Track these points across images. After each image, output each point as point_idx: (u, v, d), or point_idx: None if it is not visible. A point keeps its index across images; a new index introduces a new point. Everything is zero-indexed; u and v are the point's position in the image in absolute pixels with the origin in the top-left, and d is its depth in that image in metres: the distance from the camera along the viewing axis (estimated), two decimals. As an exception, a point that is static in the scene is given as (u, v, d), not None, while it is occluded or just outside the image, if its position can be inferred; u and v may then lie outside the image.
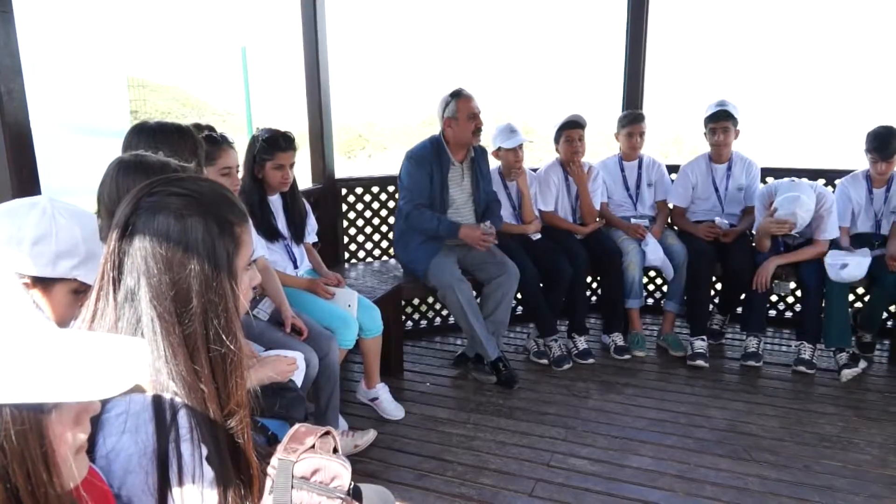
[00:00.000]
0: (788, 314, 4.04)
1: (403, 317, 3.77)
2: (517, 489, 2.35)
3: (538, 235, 3.62)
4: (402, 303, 3.56)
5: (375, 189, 3.90)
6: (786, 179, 3.38)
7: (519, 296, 3.65)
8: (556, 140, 3.70)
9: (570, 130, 3.61)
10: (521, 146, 3.50)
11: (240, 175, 2.44)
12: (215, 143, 2.26)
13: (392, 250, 3.68)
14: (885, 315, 3.62)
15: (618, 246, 3.63)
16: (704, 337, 3.50)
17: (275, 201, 2.75)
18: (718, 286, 3.88)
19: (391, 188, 3.86)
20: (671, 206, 3.88)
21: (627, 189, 3.84)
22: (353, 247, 3.92)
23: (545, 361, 3.47)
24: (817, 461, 2.52)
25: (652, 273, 4.12)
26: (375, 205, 3.92)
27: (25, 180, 1.91)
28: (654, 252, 3.55)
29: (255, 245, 2.19)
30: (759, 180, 3.68)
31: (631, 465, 2.50)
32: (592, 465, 2.50)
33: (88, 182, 1.80)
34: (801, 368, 3.32)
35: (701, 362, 3.38)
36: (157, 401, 0.87)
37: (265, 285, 2.41)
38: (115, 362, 0.57)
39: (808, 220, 3.22)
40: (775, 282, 3.43)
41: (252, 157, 2.64)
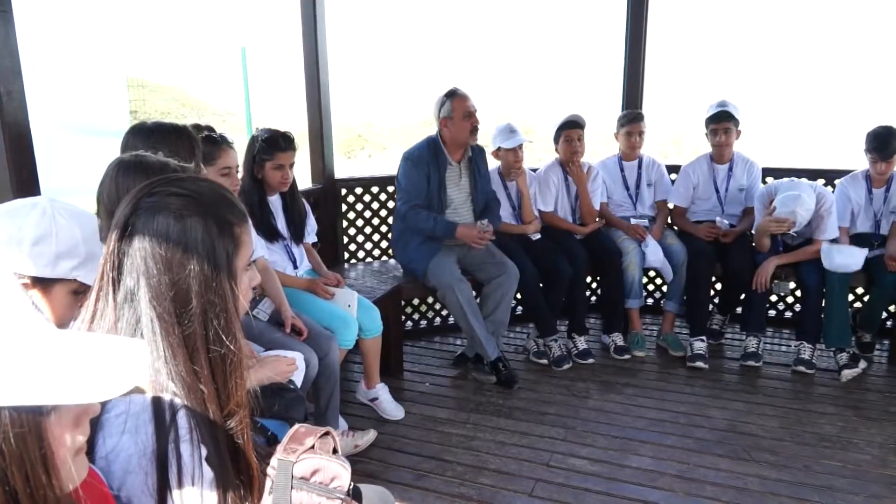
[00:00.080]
0: (788, 314, 4.04)
1: (403, 317, 3.77)
2: (517, 489, 2.35)
3: (538, 235, 3.63)
4: (402, 303, 3.56)
5: (375, 189, 3.90)
6: (785, 179, 3.39)
7: (519, 296, 3.66)
8: (556, 140, 3.70)
9: (570, 130, 3.62)
10: (520, 146, 3.50)
11: (239, 175, 2.44)
12: (215, 143, 2.26)
13: (392, 251, 3.68)
14: (884, 315, 3.62)
15: (617, 246, 3.63)
16: (704, 337, 3.50)
17: (274, 201, 2.75)
18: (718, 286, 3.88)
19: (391, 188, 3.86)
20: (671, 205, 3.88)
21: (627, 189, 3.84)
22: (352, 247, 3.92)
23: (545, 361, 3.47)
24: (817, 461, 2.52)
25: (652, 273, 4.12)
26: (375, 205, 3.92)
27: (25, 180, 1.91)
28: (654, 253, 3.56)
29: (255, 245, 2.19)
30: (760, 181, 3.68)
31: (631, 465, 2.50)
32: (592, 465, 2.50)
33: (88, 182, 1.80)
34: (801, 368, 3.32)
35: (700, 364, 3.38)
36: (157, 401, 0.87)
37: (265, 286, 2.41)
38: (115, 364, 0.57)
39: (807, 218, 3.22)
40: (775, 282, 3.43)
41: (252, 158, 2.64)
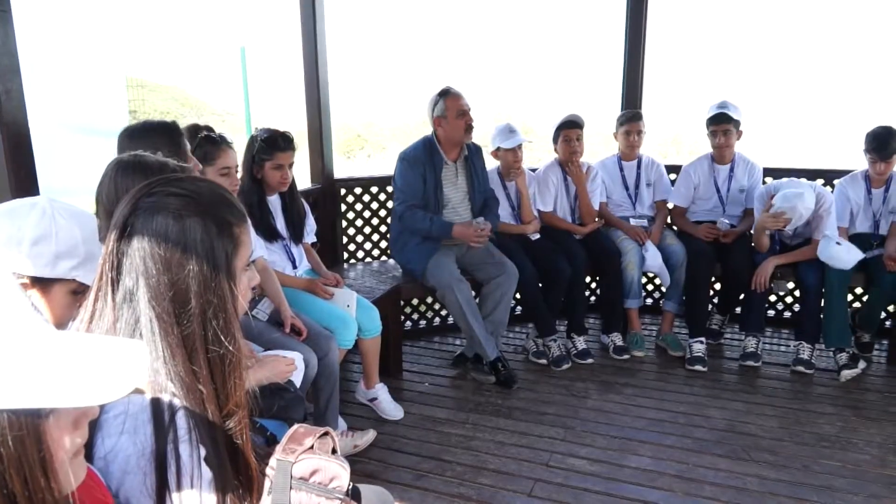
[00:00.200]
0: (787, 314, 4.04)
1: (402, 317, 3.77)
2: (516, 489, 2.35)
3: (537, 235, 3.62)
4: (401, 303, 3.56)
5: (374, 189, 3.90)
6: (785, 179, 3.39)
7: (518, 296, 3.66)
8: (555, 140, 3.70)
9: (568, 130, 3.61)
10: (520, 146, 3.50)
11: (239, 175, 2.44)
12: (214, 143, 2.26)
13: (390, 251, 3.67)
14: (883, 315, 3.63)
15: (617, 246, 3.63)
16: (703, 339, 3.50)
17: (274, 201, 2.75)
18: (717, 286, 3.88)
19: (390, 188, 3.85)
20: (671, 205, 3.88)
21: (626, 189, 3.84)
22: (351, 247, 3.92)
23: (544, 361, 3.47)
24: (816, 461, 2.52)
25: (651, 273, 4.12)
26: (374, 205, 3.92)
27: (24, 180, 1.91)
28: (654, 258, 3.56)
29: (254, 245, 2.19)
30: (760, 182, 3.67)
31: (630, 465, 2.50)
32: (591, 465, 2.50)
33: (87, 182, 1.80)
34: (800, 368, 3.32)
35: (699, 367, 3.37)
36: (156, 402, 0.87)
37: (264, 286, 2.41)
38: (115, 366, 0.57)
39: (806, 216, 3.22)
40: (773, 281, 3.43)
41: (251, 157, 2.64)
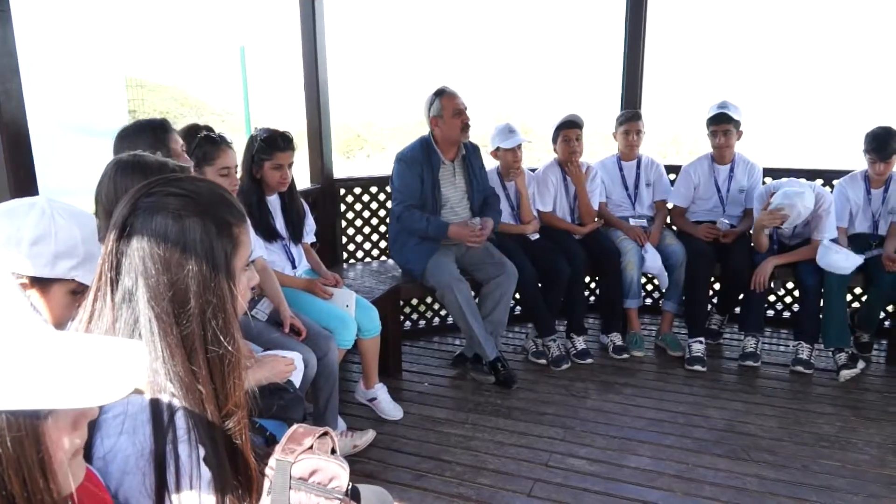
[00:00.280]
0: (786, 314, 4.04)
1: (402, 317, 3.77)
2: (515, 489, 2.35)
3: (536, 235, 3.63)
4: (401, 303, 3.56)
5: (374, 189, 3.90)
6: (784, 179, 3.39)
7: (517, 296, 3.65)
8: (554, 140, 3.70)
9: (568, 130, 3.61)
10: (519, 146, 3.50)
11: (238, 175, 2.43)
12: (214, 143, 2.26)
13: (389, 251, 3.67)
14: (882, 315, 3.63)
15: (616, 246, 3.63)
16: (702, 339, 3.49)
17: (273, 201, 2.75)
18: (717, 286, 3.88)
19: (389, 188, 3.85)
20: (671, 205, 3.88)
21: (626, 189, 3.84)
22: (351, 247, 3.92)
23: (543, 361, 3.47)
24: (815, 461, 2.52)
25: (650, 274, 4.12)
26: (374, 205, 3.92)
27: (23, 180, 1.90)
28: (653, 260, 3.56)
29: (254, 245, 2.19)
30: (760, 183, 3.67)
31: (629, 465, 2.50)
32: (591, 465, 2.50)
33: (86, 182, 1.80)
34: (799, 368, 3.32)
35: (698, 367, 3.37)
36: (155, 402, 0.87)
37: (263, 286, 2.41)
38: (114, 367, 0.56)
39: (805, 215, 3.22)
40: (772, 280, 3.43)
41: (250, 157, 2.64)
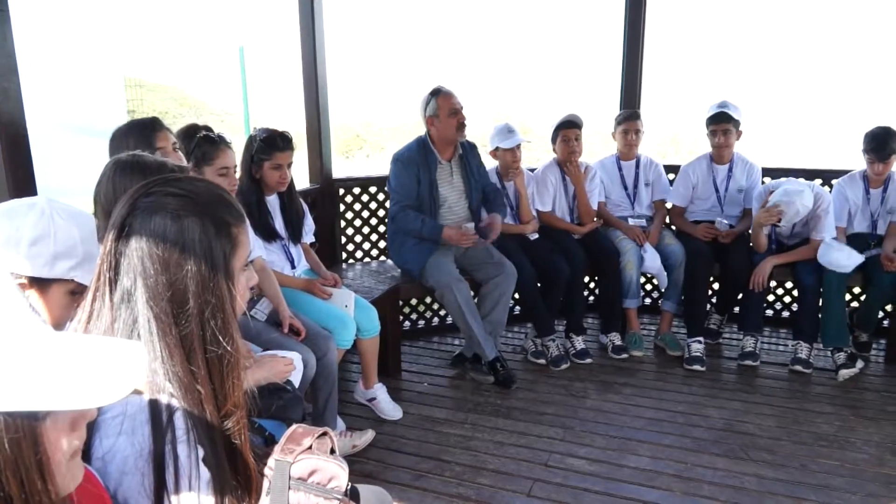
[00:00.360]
0: (785, 314, 4.05)
1: (401, 317, 3.77)
2: (515, 489, 2.35)
3: (536, 235, 3.63)
4: (400, 303, 3.56)
5: (373, 189, 3.90)
6: (783, 179, 3.39)
7: (516, 296, 3.65)
8: (553, 140, 3.70)
9: (567, 130, 3.61)
10: (518, 146, 3.50)
11: (237, 175, 2.43)
12: (213, 143, 2.26)
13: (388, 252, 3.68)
14: (881, 314, 3.63)
15: (615, 246, 3.63)
16: (701, 339, 3.50)
17: (272, 201, 2.75)
18: (716, 286, 3.88)
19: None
20: (670, 205, 3.88)
21: (625, 189, 3.84)
22: (350, 247, 3.91)
23: (543, 361, 3.48)
24: (814, 460, 2.53)
25: (649, 274, 4.12)
26: (373, 205, 3.91)
27: (22, 181, 1.90)
28: (652, 260, 3.56)
29: (253, 245, 2.19)
30: (759, 183, 3.68)
31: (629, 465, 2.50)
32: (590, 465, 2.50)
33: (85, 182, 1.80)
34: (798, 368, 3.32)
35: (697, 367, 3.37)
36: (154, 402, 0.87)
37: (263, 286, 2.41)
38: (113, 368, 0.56)
39: (803, 213, 3.22)
40: (771, 282, 3.43)
41: (250, 157, 2.64)
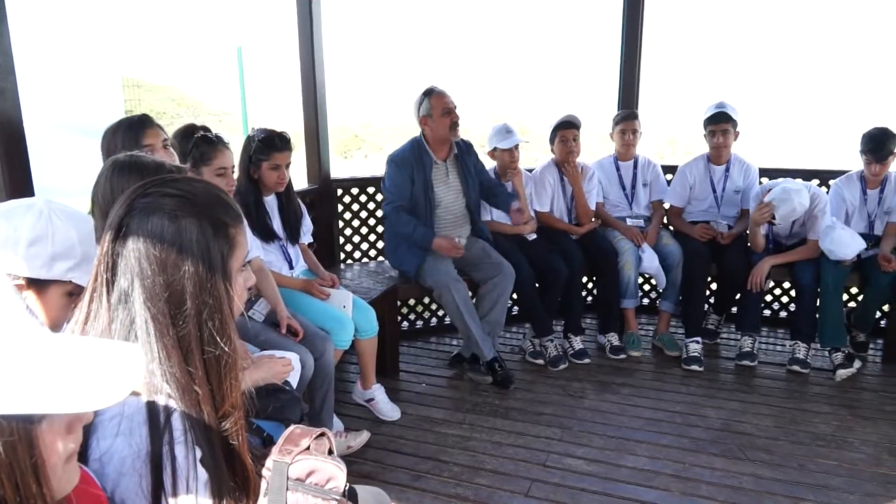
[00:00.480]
0: (783, 314, 4.05)
1: (399, 317, 3.76)
2: (513, 489, 2.35)
3: (534, 236, 3.63)
4: (398, 303, 3.56)
5: (371, 189, 3.90)
6: (780, 180, 3.40)
7: (514, 296, 3.66)
8: (551, 140, 3.70)
9: (565, 131, 3.62)
10: (516, 146, 3.50)
11: (235, 176, 2.43)
12: (210, 143, 2.26)
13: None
14: (878, 314, 3.64)
15: (614, 246, 3.63)
16: (699, 339, 3.50)
17: (270, 202, 2.75)
18: (714, 286, 3.89)
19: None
20: (667, 206, 3.88)
21: (623, 189, 3.84)
22: (348, 247, 3.91)
23: (541, 361, 3.48)
24: (812, 460, 2.53)
25: (647, 274, 4.12)
26: (371, 205, 3.91)
27: (19, 181, 1.90)
28: (650, 260, 3.56)
29: (251, 246, 2.19)
30: (756, 184, 3.68)
31: (627, 465, 2.50)
32: (588, 465, 2.50)
33: (83, 182, 1.80)
34: (796, 368, 3.33)
35: (695, 367, 3.38)
36: (151, 403, 0.87)
37: (261, 286, 2.40)
38: (110, 371, 0.56)
39: (800, 211, 3.22)
40: (769, 282, 3.43)
41: (248, 158, 2.64)
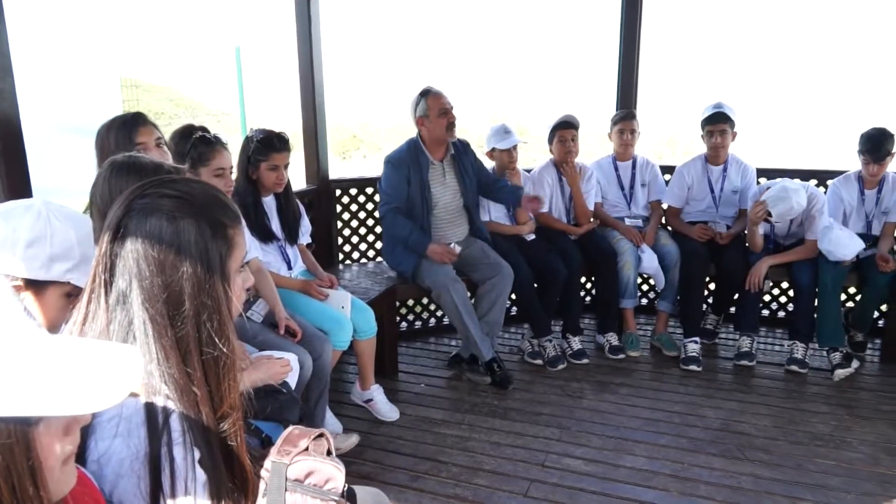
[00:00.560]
0: (781, 314, 4.06)
1: (398, 318, 3.76)
2: (512, 490, 2.35)
3: (532, 236, 3.63)
4: (397, 304, 3.56)
5: (370, 190, 3.89)
6: (778, 180, 3.40)
7: (513, 296, 3.66)
8: (550, 141, 3.70)
9: (563, 131, 3.62)
10: (515, 147, 3.51)
11: (233, 176, 2.43)
12: (209, 144, 2.26)
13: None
14: (876, 314, 3.64)
15: (612, 246, 3.63)
16: (697, 339, 3.51)
17: (269, 202, 2.74)
18: (712, 286, 3.89)
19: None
20: (665, 206, 3.89)
21: (622, 189, 3.84)
22: (347, 248, 3.91)
23: (539, 362, 3.48)
24: (810, 460, 2.53)
25: (647, 274, 4.12)
26: (370, 206, 3.91)
27: (16, 181, 1.90)
28: (650, 260, 3.56)
29: (249, 246, 2.19)
30: (754, 184, 3.68)
31: (625, 465, 2.50)
32: (587, 466, 2.50)
33: (81, 183, 1.79)
34: (794, 368, 3.33)
35: (694, 367, 3.38)
36: (150, 405, 0.87)
37: (259, 287, 2.40)
38: (109, 373, 0.56)
39: (798, 210, 3.22)
40: (767, 282, 3.44)
41: (246, 158, 2.63)
